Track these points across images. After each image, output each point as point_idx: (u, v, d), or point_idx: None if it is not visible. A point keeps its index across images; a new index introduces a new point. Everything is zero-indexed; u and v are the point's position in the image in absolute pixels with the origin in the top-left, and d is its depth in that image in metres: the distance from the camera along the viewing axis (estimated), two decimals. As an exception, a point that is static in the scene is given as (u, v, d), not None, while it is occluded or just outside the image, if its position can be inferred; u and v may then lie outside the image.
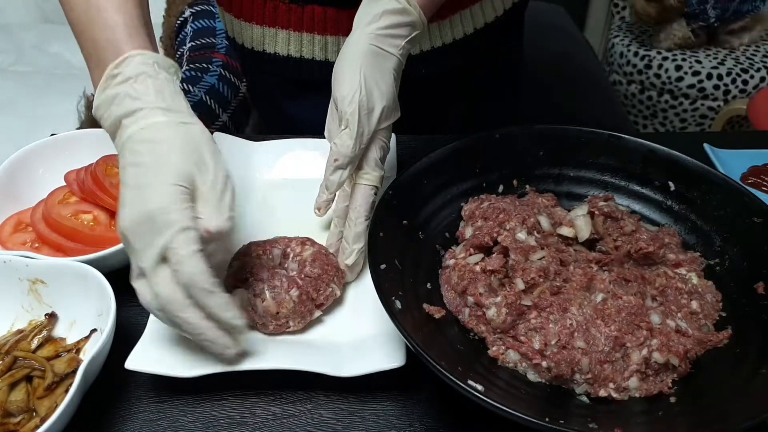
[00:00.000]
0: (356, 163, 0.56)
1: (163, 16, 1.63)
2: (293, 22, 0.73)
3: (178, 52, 1.45)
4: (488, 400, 0.41)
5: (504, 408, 0.40)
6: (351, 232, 0.56)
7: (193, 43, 1.36)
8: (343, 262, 0.57)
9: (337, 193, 0.59)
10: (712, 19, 1.88)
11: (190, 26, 1.46)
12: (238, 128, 1.20)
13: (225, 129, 1.15)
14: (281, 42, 0.75)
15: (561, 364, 0.48)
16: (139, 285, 0.47)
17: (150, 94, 0.50)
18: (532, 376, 0.49)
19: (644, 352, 0.48)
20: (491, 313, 0.50)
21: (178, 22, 1.50)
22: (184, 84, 1.19)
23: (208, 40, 1.32)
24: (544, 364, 0.48)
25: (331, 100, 0.56)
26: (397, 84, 0.57)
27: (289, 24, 0.73)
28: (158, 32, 1.59)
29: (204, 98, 1.15)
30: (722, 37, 1.96)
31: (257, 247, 0.58)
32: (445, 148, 0.61)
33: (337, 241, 0.59)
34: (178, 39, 1.52)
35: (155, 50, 0.54)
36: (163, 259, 0.46)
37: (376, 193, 0.57)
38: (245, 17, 0.76)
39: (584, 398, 0.48)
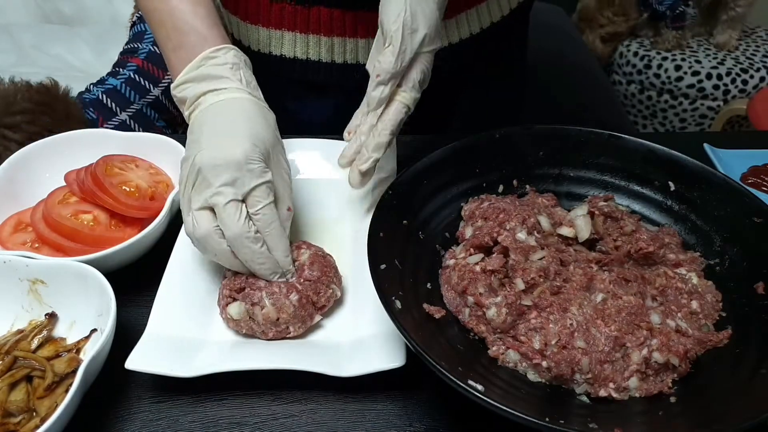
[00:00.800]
0: (397, 80, 0.56)
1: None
2: (299, 24, 0.73)
3: (126, 45, 1.46)
4: (488, 400, 0.41)
5: (504, 408, 0.40)
6: (373, 141, 0.57)
7: (127, 47, 1.38)
8: (357, 167, 0.58)
9: (366, 111, 0.59)
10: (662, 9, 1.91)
11: (133, 30, 1.48)
12: (146, 128, 1.26)
13: (124, 126, 1.22)
14: (287, 44, 0.75)
15: (561, 364, 0.48)
16: (200, 215, 0.53)
17: (239, 80, 0.58)
18: (532, 375, 0.49)
19: (644, 352, 0.48)
20: (491, 313, 0.50)
21: (136, 17, 1.51)
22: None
23: (134, 45, 1.34)
24: (544, 364, 0.48)
25: (378, 25, 0.57)
26: (440, 14, 0.57)
27: (295, 26, 0.74)
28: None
29: (101, 97, 1.22)
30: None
31: None
32: (446, 148, 0.61)
33: (353, 153, 0.59)
34: (132, 34, 1.52)
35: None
36: (236, 200, 0.52)
37: (407, 113, 0.58)
38: (251, 20, 0.76)
39: (584, 398, 0.48)
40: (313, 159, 0.73)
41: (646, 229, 0.59)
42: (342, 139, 0.61)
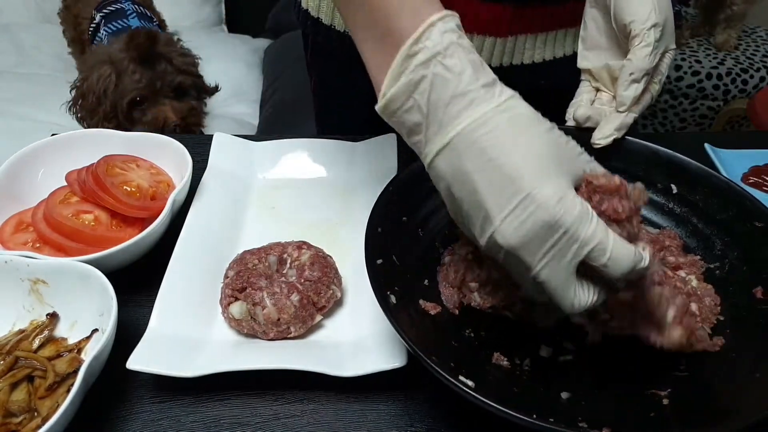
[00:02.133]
0: (649, 77, 0.57)
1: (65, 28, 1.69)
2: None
3: None
4: (477, 396, 0.41)
5: (493, 405, 0.40)
6: (618, 120, 0.59)
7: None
8: (593, 141, 0.59)
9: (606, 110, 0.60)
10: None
11: (104, 30, 1.50)
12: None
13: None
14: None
15: None
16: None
17: (467, 71, 0.39)
18: None
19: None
20: (476, 298, 0.52)
21: (91, 27, 1.53)
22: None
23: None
24: None
25: (613, 17, 0.57)
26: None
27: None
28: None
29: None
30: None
31: (252, 256, 0.58)
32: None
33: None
34: (94, 44, 1.56)
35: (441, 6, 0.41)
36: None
37: (651, 100, 0.60)
38: None
39: (575, 397, 0.48)
40: (312, 159, 0.73)
41: (647, 231, 0.59)
42: (350, 139, 0.60)
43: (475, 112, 0.39)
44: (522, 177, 0.38)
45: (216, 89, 1.50)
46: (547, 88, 0.71)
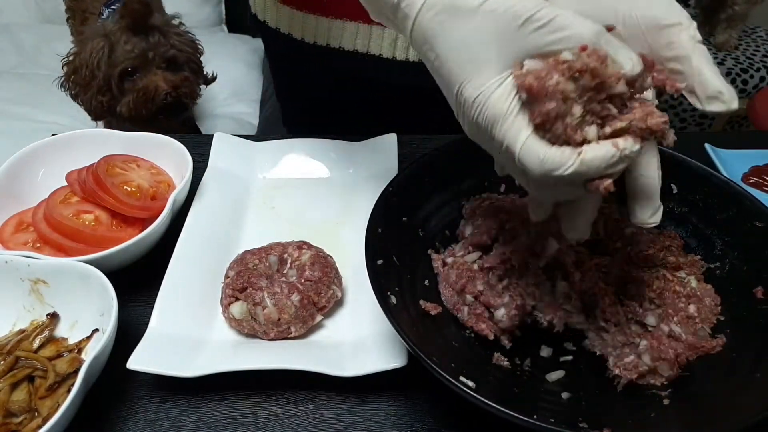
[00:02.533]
0: None
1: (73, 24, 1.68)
2: (363, 13, 0.66)
3: None
4: (478, 397, 0.41)
5: (493, 405, 0.40)
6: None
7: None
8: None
9: None
10: None
11: None
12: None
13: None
14: (348, 36, 0.71)
15: None
16: None
17: None
18: None
19: (632, 357, 0.48)
20: (500, 314, 0.51)
21: (99, 22, 1.52)
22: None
23: None
24: None
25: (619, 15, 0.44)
26: None
27: (358, 15, 0.68)
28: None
29: None
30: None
31: (252, 256, 0.58)
32: (447, 146, 0.61)
33: None
34: None
35: None
36: None
37: None
38: (308, 9, 0.72)
39: (575, 397, 0.48)
40: (313, 159, 0.73)
41: (647, 231, 0.59)
42: (351, 140, 0.59)
43: None
44: (450, 71, 0.39)
45: (213, 79, 1.48)
46: None
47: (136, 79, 1.30)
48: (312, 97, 0.87)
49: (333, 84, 0.81)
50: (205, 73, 1.46)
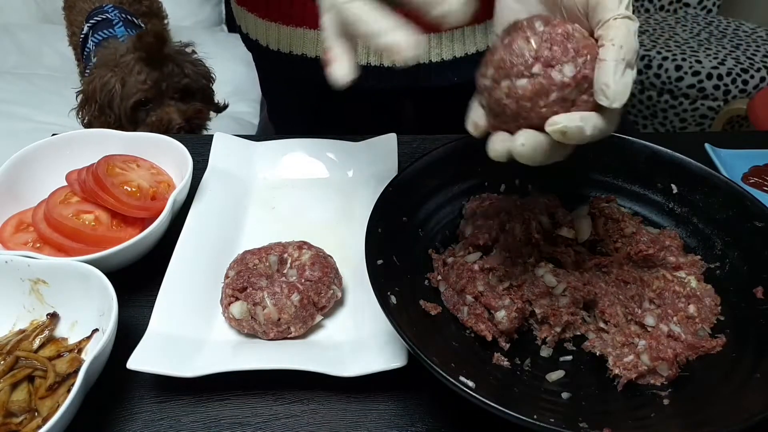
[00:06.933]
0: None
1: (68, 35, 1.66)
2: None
3: (87, 68, 1.47)
4: (478, 397, 0.41)
5: (493, 405, 0.40)
6: None
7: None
8: None
9: None
10: None
11: (91, 40, 1.49)
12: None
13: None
14: (309, 43, 0.72)
15: None
16: None
17: None
18: None
19: (631, 357, 0.48)
20: (500, 315, 0.51)
21: (81, 37, 1.52)
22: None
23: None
24: None
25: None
26: None
27: (318, 23, 0.71)
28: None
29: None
30: None
31: (252, 256, 0.58)
32: (447, 146, 0.61)
33: None
34: (84, 54, 1.54)
35: None
36: None
37: None
38: (271, 17, 0.73)
39: (575, 397, 0.48)
40: (313, 159, 0.73)
41: (647, 231, 0.59)
42: (350, 139, 0.60)
43: None
44: None
45: (225, 107, 1.48)
46: (464, 84, 0.68)
47: (149, 110, 1.30)
48: (294, 104, 0.87)
49: (308, 92, 0.82)
50: (216, 101, 1.46)
